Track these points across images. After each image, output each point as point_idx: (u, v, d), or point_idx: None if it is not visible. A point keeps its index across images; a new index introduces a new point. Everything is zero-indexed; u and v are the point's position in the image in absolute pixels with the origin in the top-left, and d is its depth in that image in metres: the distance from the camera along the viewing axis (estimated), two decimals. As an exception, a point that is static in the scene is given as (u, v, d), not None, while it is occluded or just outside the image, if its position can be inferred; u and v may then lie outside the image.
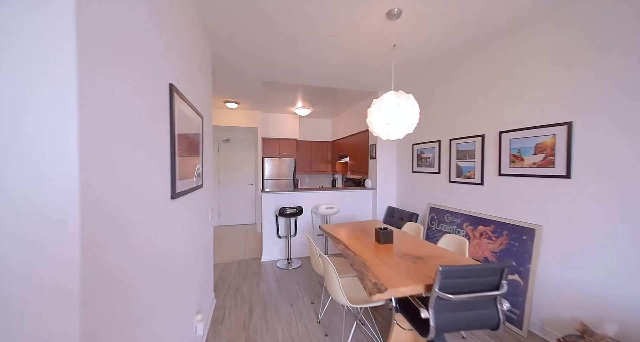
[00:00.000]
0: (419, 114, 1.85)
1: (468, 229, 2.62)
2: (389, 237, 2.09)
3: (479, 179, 2.54)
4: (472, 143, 2.63)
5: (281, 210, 3.30)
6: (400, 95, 1.79)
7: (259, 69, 3.02)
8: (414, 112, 1.79)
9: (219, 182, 5.67)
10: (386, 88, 3.71)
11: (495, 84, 2.36)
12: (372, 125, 1.91)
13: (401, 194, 3.85)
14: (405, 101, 1.77)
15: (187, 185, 1.45)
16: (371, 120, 1.91)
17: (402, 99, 1.77)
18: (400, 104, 1.76)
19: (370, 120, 1.91)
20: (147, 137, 0.93)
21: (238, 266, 3.44)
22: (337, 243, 2.19)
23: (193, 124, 1.60)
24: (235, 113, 5.02)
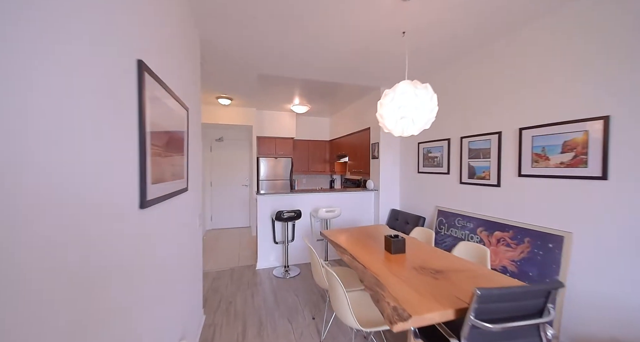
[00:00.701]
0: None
1: (482, 235, 2.41)
2: (401, 246, 1.86)
3: (495, 180, 2.33)
4: (487, 141, 2.41)
5: (278, 214, 3.04)
6: (417, 85, 1.55)
7: (254, 60, 2.76)
8: (433, 104, 1.56)
9: (211, 184, 5.38)
10: (389, 84, 3.48)
11: (516, 76, 2.15)
12: (384, 119, 1.67)
13: (406, 195, 3.63)
14: (423, 92, 1.54)
15: (167, 189, 1.19)
16: (382, 113, 1.67)
17: (419, 89, 1.54)
18: (417, 95, 1.52)
19: (381, 113, 1.68)
20: (103, 129, 0.67)
21: (231, 274, 3.18)
22: (342, 253, 1.95)
23: (175, 116, 1.34)
24: (229, 110, 4.75)
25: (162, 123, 1.13)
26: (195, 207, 1.93)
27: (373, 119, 3.87)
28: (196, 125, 1.98)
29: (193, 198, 1.85)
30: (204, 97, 4.14)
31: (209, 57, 2.66)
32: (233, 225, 5.58)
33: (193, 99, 1.87)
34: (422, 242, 2.12)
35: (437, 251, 1.91)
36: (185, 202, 1.62)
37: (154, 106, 1.03)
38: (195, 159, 1.97)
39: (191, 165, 1.78)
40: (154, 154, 1.03)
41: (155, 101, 1.04)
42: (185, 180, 1.59)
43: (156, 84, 1.05)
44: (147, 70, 0.96)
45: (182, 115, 1.49)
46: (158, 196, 1.07)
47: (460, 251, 2.00)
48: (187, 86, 1.70)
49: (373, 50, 2.51)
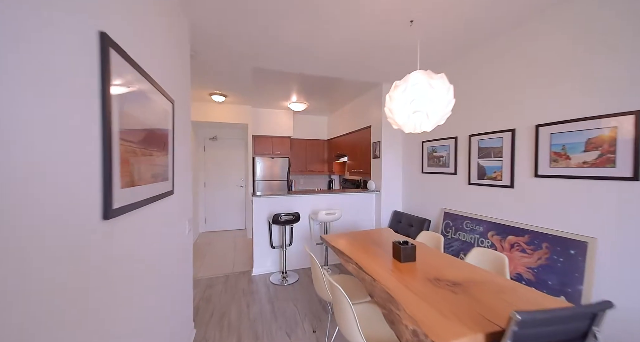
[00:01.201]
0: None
1: (494, 239, 2.26)
2: (412, 254, 1.69)
3: (508, 180, 2.18)
4: (498, 139, 2.26)
5: (275, 217, 2.86)
6: (432, 75, 1.39)
7: (248, 50, 2.57)
8: (449, 96, 1.40)
9: (205, 185, 5.17)
10: (392, 79, 3.32)
11: (531, 67, 1.99)
12: (394, 114, 1.50)
13: (409, 197, 3.48)
14: (439, 82, 1.37)
15: (144, 193, 1.01)
16: (392, 107, 1.50)
17: (434, 79, 1.37)
18: (433, 86, 1.36)
19: (391, 107, 1.51)
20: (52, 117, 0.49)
21: (225, 281, 2.98)
22: (346, 261, 1.78)
23: (156, 109, 1.16)
24: (223, 108, 4.54)
25: (137, 115, 0.95)
26: (184, 211, 1.74)
27: (374, 116, 3.71)
28: (185, 122, 1.79)
29: (181, 202, 1.66)
30: (196, 94, 3.94)
31: (201, 47, 2.46)
32: (228, 227, 5.38)
33: (181, 92, 1.68)
34: (431, 249, 1.96)
35: (449, 258, 1.75)
36: (171, 206, 1.44)
37: (125, 94, 0.84)
38: (184, 159, 1.78)
39: (179, 166, 1.59)
40: (126, 152, 0.84)
41: (127, 88, 0.86)
42: (171, 182, 1.40)
43: (128, 67, 0.86)
44: (115, 47, 0.77)
45: (165, 109, 1.30)
46: (131, 202, 0.88)
47: (474, 258, 1.84)
48: (174, 77, 1.51)
49: (378, 40, 2.34)
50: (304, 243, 3.36)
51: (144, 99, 1.02)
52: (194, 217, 4.52)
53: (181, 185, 1.66)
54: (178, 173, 1.58)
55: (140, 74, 0.97)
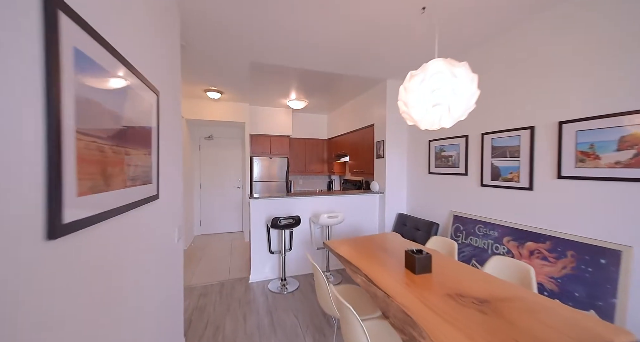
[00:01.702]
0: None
1: (511, 246, 2.10)
2: (427, 264, 1.52)
3: (526, 182, 2.02)
4: (515, 137, 2.10)
5: (274, 221, 2.68)
6: (455, 64, 1.22)
7: (246, 42, 2.39)
8: (474, 88, 1.23)
9: (200, 186, 4.97)
10: (398, 75, 3.15)
11: (554, 58, 1.83)
12: (409, 107, 1.33)
13: (414, 199, 3.31)
14: (462, 71, 1.20)
15: (117, 200, 0.82)
16: (407, 100, 1.33)
17: (457, 67, 1.20)
18: (456, 75, 1.19)
19: (406, 100, 1.34)
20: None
21: (221, 289, 2.80)
22: (354, 272, 1.60)
23: (135, 98, 0.97)
24: (219, 105, 4.35)
25: (108, 105, 0.77)
26: (172, 217, 1.55)
27: (378, 114, 3.54)
28: (174, 117, 1.60)
29: (169, 207, 1.47)
30: (190, 90, 3.75)
31: (193, 37, 2.27)
32: (224, 230, 5.18)
33: (169, 83, 1.50)
34: (446, 257, 1.79)
35: (467, 268, 1.58)
36: (156, 213, 1.25)
37: (87, 76, 0.66)
38: (174, 159, 1.59)
39: (166, 167, 1.40)
40: (87, 150, 0.66)
41: (90, 68, 0.68)
42: (155, 185, 1.21)
43: (90, 41, 0.68)
44: (67, 11, 0.59)
45: (148, 101, 1.12)
46: (96, 212, 0.70)
47: (493, 268, 1.67)
48: (160, 65, 1.32)
49: (384, 31, 2.16)
50: (304, 248, 3.18)
51: (117, 86, 0.84)
52: (188, 219, 4.33)
53: (169, 188, 1.47)
54: (165, 175, 1.39)
55: (110, 54, 0.78)
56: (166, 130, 1.42)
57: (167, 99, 1.44)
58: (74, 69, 0.62)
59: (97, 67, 0.72)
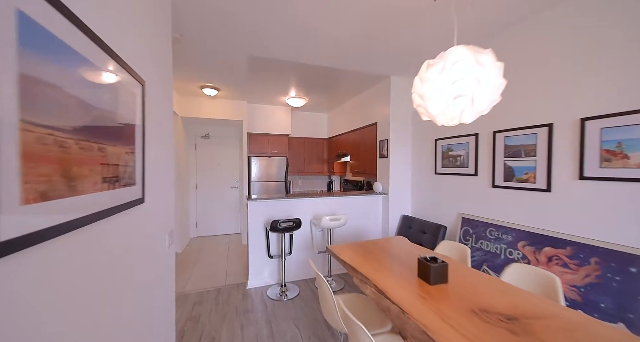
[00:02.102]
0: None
1: (526, 251, 1.97)
2: (443, 274, 1.38)
3: (544, 183, 1.89)
4: (531, 135, 1.97)
5: (273, 223, 2.53)
6: (479, 51, 1.08)
7: (244, 34, 2.24)
8: (500, 78, 1.09)
9: (196, 186, 4.81)
10: (403, 71, 3.02)
11: (575, 49, 1.71)
12: (426, 100, 1.19)
13: (419, 200, 3.18)
14: (488, 59, 1.07)
15: (84, 207, 0.68)
16: (424, 92, 1.19)
17: (483, 55, 1.07)
18: (481, 64, 1.05)
19: (422, 93, 1.20)
20: None
21: (217, 296, 2.64)
22: (362, 282, 1.47)
23: (112, 85, 0.83)
24: (216, 103, 4.20)
25: (68, 88, 0.62)
26: (162, 222, 1.40)
27: (381, 112, 3.41)
28: (164, 111, 1.45)
29: (157, 211, 1.32)
30: (185, 86, 3.59)
31: (188, 28, 2.12)
32: (221, 232, 5.02)
33: (158, 74, 1.35)
34: (460, 264, 1.66)
35: (486, 277, 1.45)
36: (140, 219, 1.10)
37: (36, 47, 0.51)
38: (165, 157, 1.44)
39: (154, 166, 1.26)
40: (39, 145, 0.52)
41: (42, 38, 0.53)
42: (139, 187, 1.07)
43: (42, 3, 0.53)
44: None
45: (130, 90, 0.97)
46: (50, 224, 0.55)
47: (513, 276, 1.54)
48: (146, 51, 1.17)
49: (391, 23, 2.03)
50: (304, 251, 3.04)
51: (87, 69, 0.69)
52: (184, 221, 4.17)
53: (158, 190, 1.32)
54: (153, 175, 1.24)
55: (78, 28, 0.64)
56: (154, 125, 1.27)
57: (155, 91, 1.29)
58: (17, 39, 0.47)
59: (57, 42, 0.57)
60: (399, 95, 3.25)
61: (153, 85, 1.26)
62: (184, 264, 3.50)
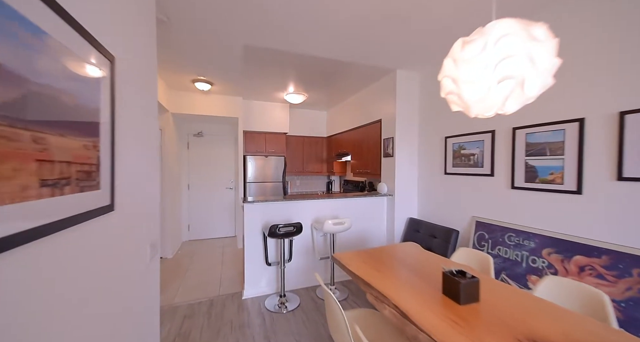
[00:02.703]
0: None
1: (553, 259, 1.79)
2: (474, 292, 1.18)
3: (573, 184, 1.71)
4: (557, 132, 1.79)
5: (272, 228, 2.31)
6: (530, 24, 0.88)
7: (239, 18, 2.02)
8: (555, 58, 0.89)
9: (188, 187, 4.56)
10: (410, 65, 2.83)
11: (617, 34, 1.52)
12: (461, 85, 0.99)
13: (427, 202, 2.99)
14: (543, 34, 0.87)
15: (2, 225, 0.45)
16: (458, 76, 0.99)
17: (536, 28, 0.87)
18: (536, 39, 0.85)
19: (456, 76, 1.00)
20: None
21: (209, 308, 2.41)
22: (377, 299, 1.26)
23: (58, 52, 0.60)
24: (209, 99, 3.95)
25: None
26: (140, 233, 1.17)
27: (386, 109, 3.21)
28: (145, 99, 1.22)
29: (134, 220, 1.09)
30: (176, 80, 3.34)
31: (176, 8, 1.89)
32: (215, 235, 4.77)
33: (138, 53, 1.12)
34: (488, 278, 1.46)
35: (520, 294, 1.26)
36: (109, 231, 0.88)
37: None
38: (147, 155, 1.22)
39: (129, 164, 1.03)
40: None
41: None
42: (107, 191, 0.84)
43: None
44: None
45: (86, 62, 0.74)
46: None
47: (548, 290, 1.35)
48: (118, 23, 0.95)
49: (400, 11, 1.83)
50: (305, 257, 2.82)
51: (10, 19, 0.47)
52: (175, 224, 3.91)
53: (135, 195, 1.10)
54: (127, 177, 1.02)
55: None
56: (131, 114, 1.05)
57: (132, 73, 1.06)
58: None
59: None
60: (406, 91, 3.05)
61: (128, 66, 1.03)
62: (175, 271, 3.25)
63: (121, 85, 0.96)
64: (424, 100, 3.05)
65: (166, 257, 3.69)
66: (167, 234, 3.66)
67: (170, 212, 3.72)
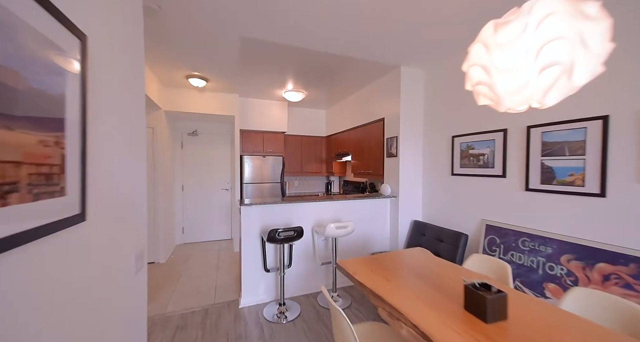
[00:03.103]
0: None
1: (573, 266, 1.67)
2: (502, 308, 1.05)
3: (596, 186, 1.60)
4: (578, 130, 1.68)
5: (271, 233, 2.16)
6: (581, 1, 0.75)
7: (236, 10, 1.87)
8: (607, 43, 0.77)
9: (182, 188, 4.38)
10: (416, 60, 2.70)
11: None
12: (494, 74, 0.86)
13: (433, 204, 2.87)
14: (596, 12, 0.74)
15: None
16: (491, 64, 0.86)
17: (588, 5, 0.74)
18: (589, 18, 0.73)
19: (489, 64, 0.87)
20: None
21: (204, 318, 2.26)
22: (393, 317, 1.13)
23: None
24: (204, 96, 3.79)
25: None
26: (122, 244, 1.02)
27: (389, 107, 3.08)
28: (129, 88, 1.07)
29: (113, 230, 0.94)
30: (169, 76, 3.18)
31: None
32: (210, 238, 4.61)
33: (121, 32, 0.97)
34: (511, 290, 1.33)
35: (553, 310, 1.13)
36: (80, 243, 0.73)
37: None
38: (129, 156, 1.07)
39: (106, 166, 0.88)
40: None
41: None
42: (77, 199, 0.69)
43: None
44: None
45: (44, 37, 0.59)
46: None
47: (576, 303, 1.23)
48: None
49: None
50: (305, 262, 2.68)
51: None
52: (168, 227, 3.74)
53: (114, 200, 0.95)
54: (105, 180, 0.87)
55: None
56: (109, 103, 0.90)
57: (110, 54, 0.91)
58: None
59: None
60: (410, 88, 2.93)
61: (105, 48, 0.88)
62: (167, 277, 3.08)
63: (97, 70, 0.81)
64: (429, 98, 2.93)
65: (158, 262, 3.51)
66: (159, 237, 3.49)
67: (163, 214, 3.55)
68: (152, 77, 3.04)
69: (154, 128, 3.45)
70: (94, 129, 0.79)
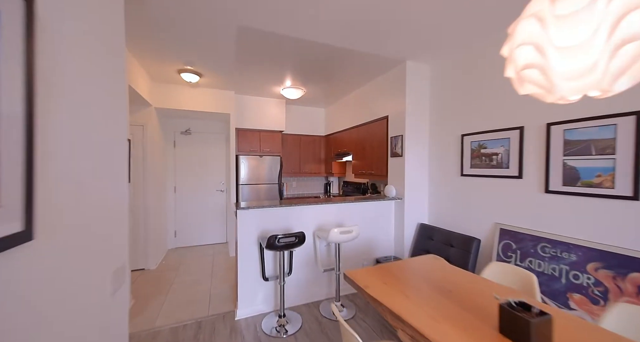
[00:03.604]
0: None
1: (601, 275, 1.54)
2: (547, 333, 0.90)
3: (628, 188, 1.46)
4: (606, 128, 1.54)
5: (270, 240, 1.99)
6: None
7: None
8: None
9: (175, 189, 4.17)
10: (422, 55, 2.56)
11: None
12: (550, 54, 0.70)
13: (440, 207, 2.73)
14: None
15: None
16: (549, 40, 0.70)
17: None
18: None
19: (544, 41, 0.71)
20: None
21: (197, 332, 2.07)
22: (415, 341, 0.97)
23: None
24: (198, 92, 3.59)
25: None
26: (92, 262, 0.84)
27: (394, 104, 2.93)
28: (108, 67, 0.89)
29: (77, 247, 0.76)
30: (159, 70, 2.98)
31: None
32: (204, 241, 4.40)
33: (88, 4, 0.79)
34: (547, 307, 1.19)
35: (598, 330, 0.98)
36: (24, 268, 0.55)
37: None
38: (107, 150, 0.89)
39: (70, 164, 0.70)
40: None
41: None
42: (18, 213, 0.51)
43: None
44: None
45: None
46: None
47: (621, 323, 1.08)
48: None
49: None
50: (305, 269, 2.51)
51: None
52: (160, 231, 3.53)
53: (80, 210, 0.77)
54: (66, 184, 0.69)
55: None
56: (75, 91, 0.72)
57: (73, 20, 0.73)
58: None
59: None
60: (416, 84, 2.79)
61: (68, 17, 0.70)
62: (157, 285, 2.88)
63: (54, 47, 0.63)
64: (436, 95, 2.79)
65: (148, 268, 3.31)
66: (149, 242, 3.28)
67: (154, 217, 3.34)
68: (140, 71, 2.84)
69: (144, 126, 3.24)
70: (49, 123, 0.61)
